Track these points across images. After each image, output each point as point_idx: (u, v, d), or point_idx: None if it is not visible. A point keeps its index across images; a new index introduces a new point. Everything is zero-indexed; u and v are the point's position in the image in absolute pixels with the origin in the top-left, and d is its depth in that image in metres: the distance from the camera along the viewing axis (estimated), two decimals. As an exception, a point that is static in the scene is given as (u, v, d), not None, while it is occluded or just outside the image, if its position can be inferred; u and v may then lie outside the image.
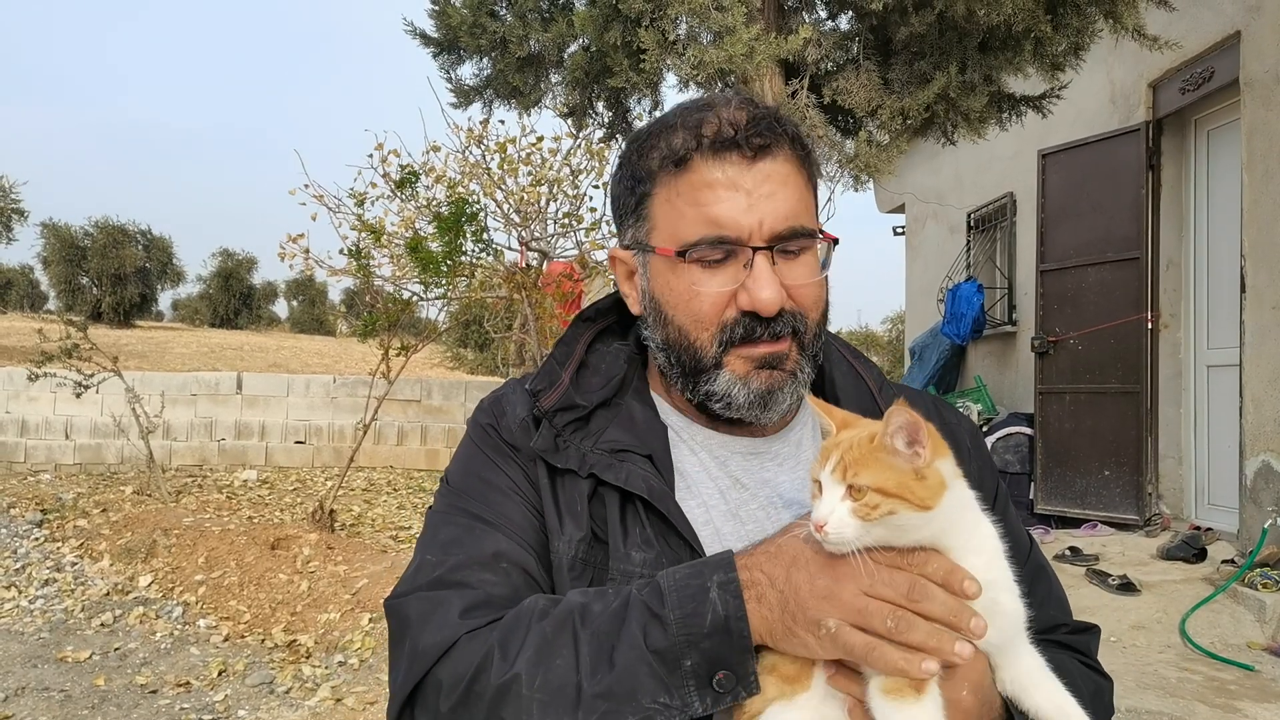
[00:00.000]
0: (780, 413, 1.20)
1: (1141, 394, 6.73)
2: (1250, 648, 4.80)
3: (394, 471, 10.83)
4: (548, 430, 1.20)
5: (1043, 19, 5.22)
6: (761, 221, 1.13)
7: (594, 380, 1.27)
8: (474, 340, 16.96)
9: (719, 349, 1.17)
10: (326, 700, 4.98)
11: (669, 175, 1.17)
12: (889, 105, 5.43)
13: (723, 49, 4.66)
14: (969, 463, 1.23)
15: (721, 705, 0.99)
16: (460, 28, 5.97)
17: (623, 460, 1.17)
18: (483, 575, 1.13)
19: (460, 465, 1.27)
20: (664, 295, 1.20)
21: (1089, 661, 1.26)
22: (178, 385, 11.00)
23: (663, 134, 1.19)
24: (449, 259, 7.05)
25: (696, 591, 1.00)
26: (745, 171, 1.14)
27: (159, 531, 7.22)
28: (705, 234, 1.14)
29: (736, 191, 1.13)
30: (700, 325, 1.17)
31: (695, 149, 1.15)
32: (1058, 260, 7.32)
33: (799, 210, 1.16)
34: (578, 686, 0.99)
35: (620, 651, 1.00)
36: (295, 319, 35.55)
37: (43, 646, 5.71)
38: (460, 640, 1.06)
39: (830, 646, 0.96)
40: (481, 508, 1.20)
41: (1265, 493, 5.61)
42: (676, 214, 1.16)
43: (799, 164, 1.18)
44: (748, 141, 1.14)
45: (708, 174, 1.14)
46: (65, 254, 27.28)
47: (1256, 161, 5.79)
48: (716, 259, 1.15)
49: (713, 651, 0.98)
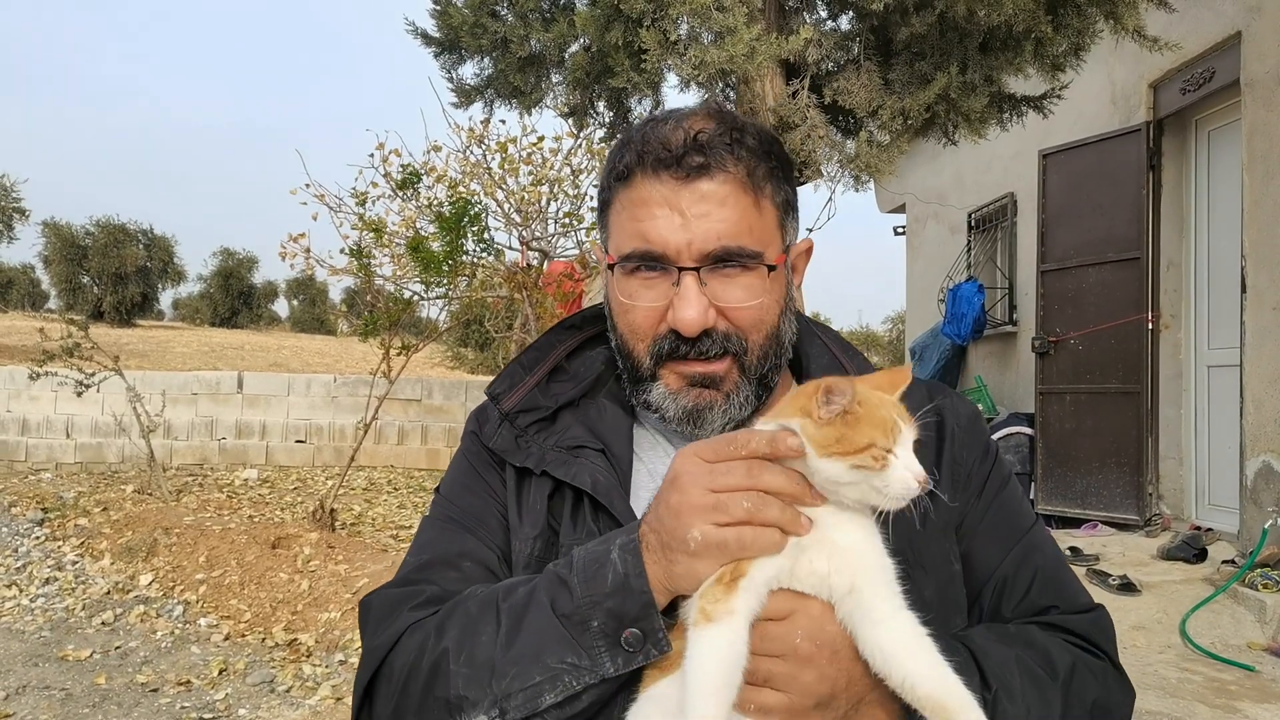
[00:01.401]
0: (715, 430, 1.20)
1: (1142, 394, 6.73)
2: (1250, 648, 4.80)
3: (395, 471, 10.84)
4: (508, 431, 1.25)
5: (1043, 20, 5.22)
6: (691, 241, 1.13)
7: (564, 383, 1.30)
8: (475, 340, 16.95)
9: (652, 362, 1.19)
10: (327, 699, 4.99)
11: (620, 187, 1.20)
12: (890, 105, 5.43)
13: (724, 49, 4.66)
14: (954, 446, 1.25)
15: (634, 664, 1.01)
16: (461, 27, 5.97)
17: (577, 457, 1.20)
18: (445, 573, 1.18)
19: (448, 472, 1.34)
20: (612, 302, 1.24)
21: (1078, 641, 1.17)
22: (179, 384, 11.01)
23: (620, 148, 1.22)
24: (450, 259, 7.05)
25: (600, 556, 1.03)
26: (679, 190, 1.14)
27: (160, 530, 7.23)
28: (635, 248, 1.16)
29: (671, 210, 1.14)
30: (635, 336, 1.20)
31: (637, 164, 1.17)
32: (1058, 260, 7.32)
33: (737, 230, 1.15)
34: (493, 655, 1.03)
35: (529, 619, 1.03)
36: (296, 318, 35.56)
37: (44, 645, 5.72)
38: (405, 631, 1.11)
39: (707, 555, 0.96)
40: (457, 511, 1.26)
41: (1266, 493, 5.61)
42: (619, 226, 1.19)
43: (745, 184, 1.17)
44: (683, 161, 1.14)
45: (645, 190, 1.16)
46: (66, 253, 27.29)
47: (1257, 162, 5.79)
48: (650, 274, 1.16)
49: (617, 610, 1.00)
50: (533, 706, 1.01)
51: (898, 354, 20.93)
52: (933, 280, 11.04)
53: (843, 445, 0.95)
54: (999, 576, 1.21)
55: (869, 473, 0.95)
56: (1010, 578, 1.21)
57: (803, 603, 0.98)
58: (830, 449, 0.95)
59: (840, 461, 0.95)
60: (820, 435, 0.96)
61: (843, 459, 0.95)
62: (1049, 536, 1.30)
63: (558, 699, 1.00)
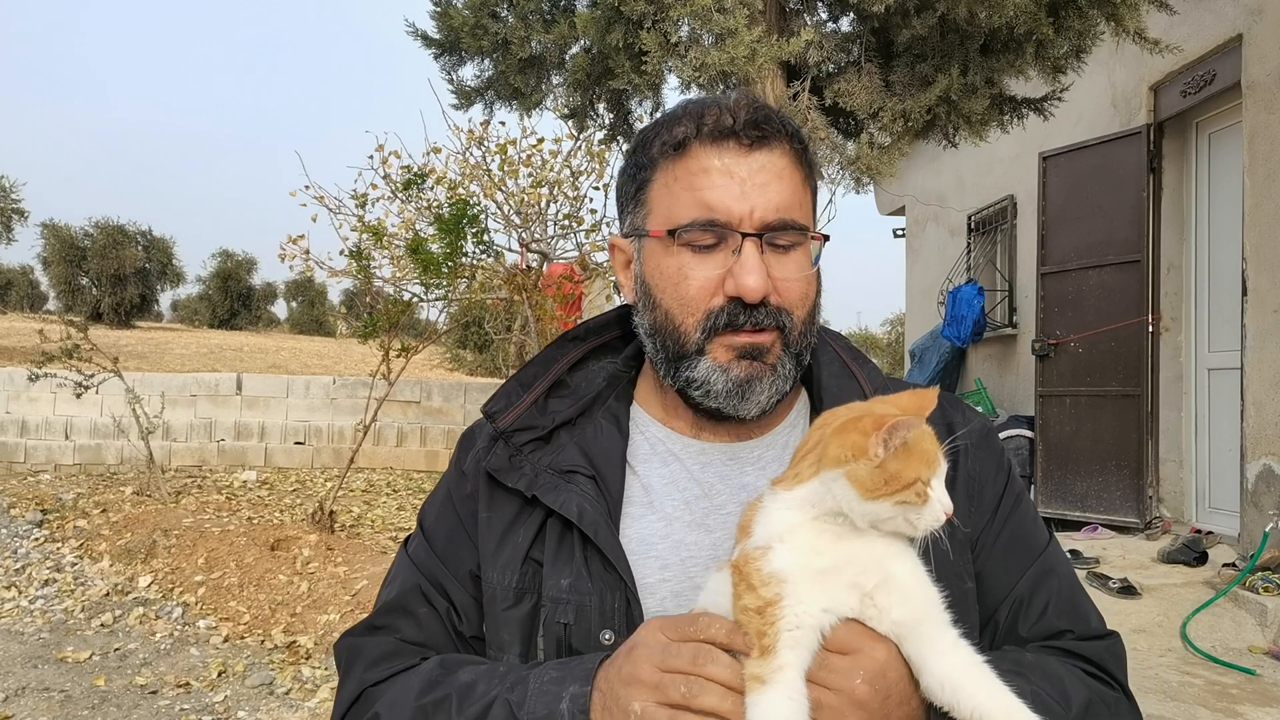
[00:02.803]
0: (758, 405, 1.18)
1: (1142, 397, 6.72)
2: (1251, 652, 4.80)
3: (394, 473, 10.83)
4: (503, 449, 1.22)
5: (1044, 21, 5.22)
6: (753, 210, 1.14)
7: (564, 400, 1.28)
8: (474, 342, 16.94)
9: (702, 335, 1.17)
10: (326, 702, 4.98)
11: (668, 161, 1.18)
12: (890, 107, 5.43)
13: (724, 51, 4.66)
14: (968, 462, 1.23)
15: None
16: (462, 29, 5.96)
17: (569, 482, 1.18)
18: (400, 621, 1.21)
19: (428, 500, 1.34)
20: (654, 278, 1.20)
21: (1093, 670, 1.16)
22: (177, 386, 11.00)
23: (666, 125, 1.21)
24: (449, 260, 7.04)
25: (551, 700, 1.02)
26: (741, 160, 1.15)
27: (159, 532, 7.22)
28: (697, 216, 1.15)
29: (731, 178, 1.14)
30: (686, 310, 1.17)
31: (694, 136, 1.16)
32: (1058, 263, 7.32)
33: (791, 204, 1.17)
34: None
35: None
36: (295, 320, 35.53)
37: (43, 647, 5.71)
38: (362, 694, 1.15)
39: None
40: (425, 549, 1.26)
41: (1266, 496, 5.60)
42: (672, 198, 1.18)
43: (796, 161, 1.19)
44: (745, 131, 1.15)
45: (704, 160, 1.16)
46: (65, 254, 27.27)
47: (1258, 165, 5.79)
48: (706, 244, 1.15)
49: None
50: None
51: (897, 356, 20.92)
52: (932, 282, 11.04)
53: (890, 485, 0.92)
54: (1015, 596, 1.20)
55: (909, 507, 0.93)
56: (1026, 599, 1.20)
57: (870, 643, 0.96)
58: (878, 491, 0.92)
59: (887, 500, 0.93)
60: (871, 478, 0.93)
61: (889, 498, 0.93)
62: (1064, 555, 1.29)
63: None
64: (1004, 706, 0.94)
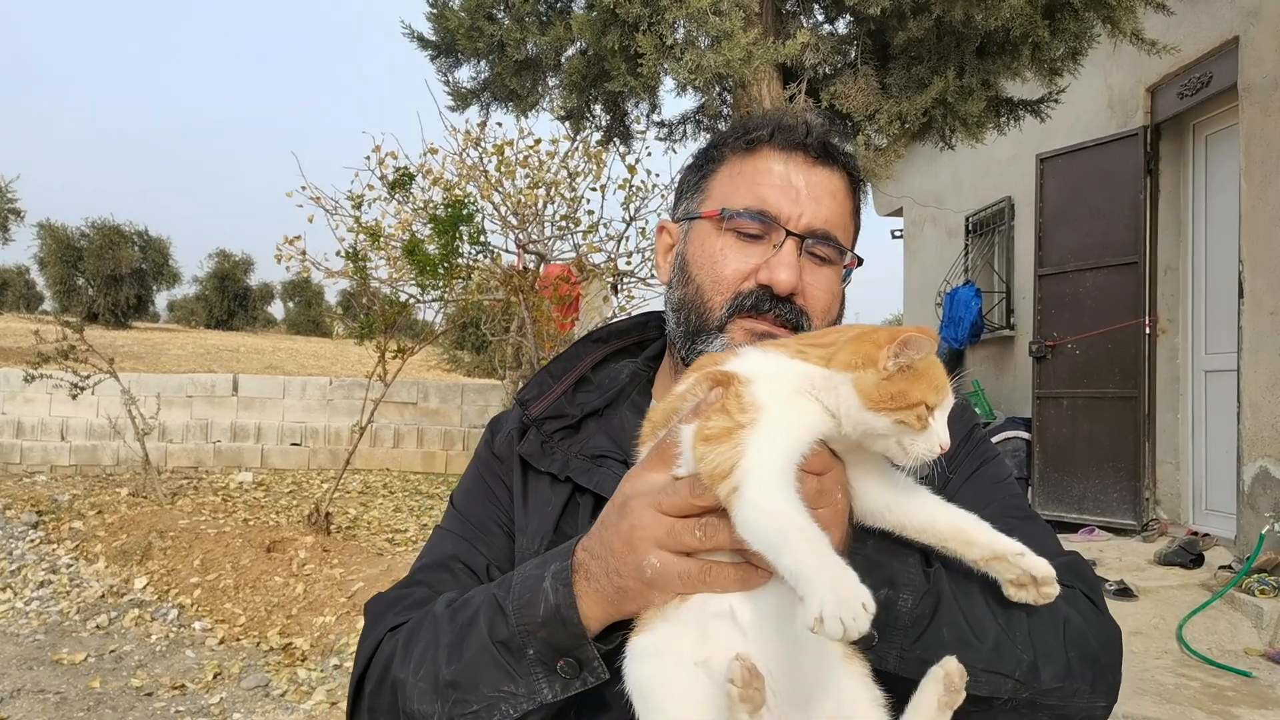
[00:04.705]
0: None
1: (1139, 399, 6.72)
2: (1247, 654, 4.79)
3: (390, 474, 10.82)
4: (535, 436, 1.29)
5: (1040, 24, 5.22)
6: (802, 214, 1.24)
7: (590, 394, 1.36)
8: (471, 342, 16.94)
9: (726, 313, 1.24)
10: (322, 704, 4.97)
11: (737, 155, 1.29)
12: (887, 109, 5.43)
13: (720, 53, 4.66)
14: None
15: (572, 690, 1.03)
16: (458, 31, 5.96)
17: (601, 466, 1.24)
18: (437, 576, 1.25)
19: (461, 480, 1.40)
20: (695, 256, 1.29)
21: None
22: (174, 387, 10.98)
23: (744, 126, 1.32)
24: (446, 261, 7.04)
25: (534, 582, 1.05)
26: (804, 170, 1.26)
27: (155, 533, 7.20)
28: (750, 205, 1.24)
29: (790, 183, 1.25)
30: (718, 288, 1.25)
31: (767, 139, 1.27)
32: (1056, 265, 7.32)
33: (838, 223, 1.27)
34: (439, 677, 1.06)
35: (469, 644, 1.06)
36: (291, 320, 35.46)
37: (38, 648, 5.70)
38: (385, 637, 1.17)
39: (666, 583, 0.97)
40: (460, 518, 1.33)
41: (1263, 498, 5.60)
42: (733, 187, 1.28)
43: (850, 191, 1.30)
44: (813, 146, 1.27)
45: (771, 161, 1.27)
46: (61, 255, 27.18)
47: (1255, 167, 5.79)
48: (752, 234, 1.24)
49: (550, 640, 1.02)
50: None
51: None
52: (930, 284, 11.05)
53: (896, 401, 0.93)
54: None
55: (906, 429, 0.94)
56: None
57: (835, 461, 0.99)
58: (883, 404, 0.93)
59: (888, 416, 0.93)
60: (877, 389, 0.93)
61: (891, 414, 0.93)
62: (1032, 511, 1.32)
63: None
64: (953, 513, 1.01)
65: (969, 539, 1.00)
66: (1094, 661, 1.10)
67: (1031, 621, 1.04)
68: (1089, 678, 1.09)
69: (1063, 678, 1.06)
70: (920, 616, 1.01)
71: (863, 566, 0.90)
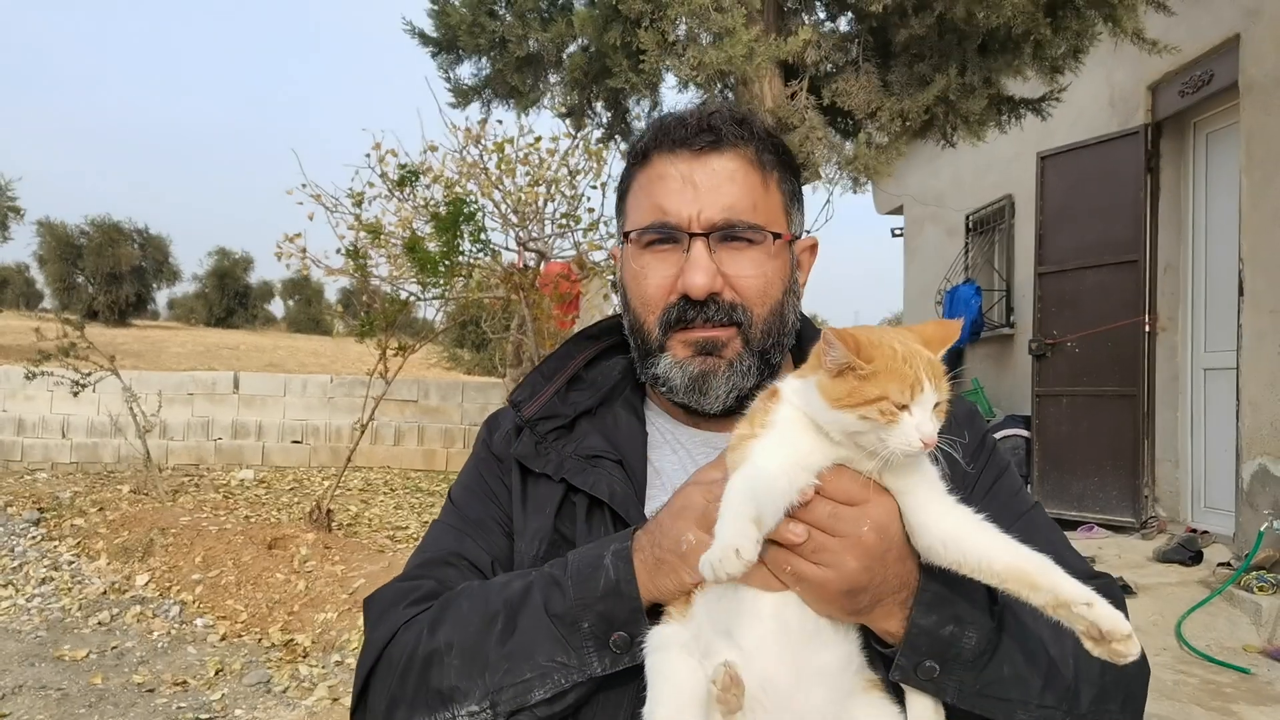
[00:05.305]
0: (718, 400, 1.26)
1: (1139, 397, 6.73)
2: (1246, 651, 4.81)
3: (391, 471, 10.83)
4: (529, 437, 1.30)
5: (1042, 22, 5.23)
6: (700, 211, 1.22)
7: (583, 392, 1.36)
8: (471, 341, 16.95)
9: (661, 332, 1.25)
10: (323, 700, 4.97)
11: (638, 170, 1.30)
12: (888, 107, 5.43)
13: (722, 50, 4.67)
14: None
15: (620, 665, 1.06)
16: (459, 27, 5.96)
17: (595, 466, 1.25)
18: (441, 571, 1.25)
19: (459, 477, 1.41)
20: (626, 280, 1.31)
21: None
22: (174, 384, 10.99)
23: (642, 134, 1.32)
24: (446, 259, 7.04)
25: (594, 560, 1.09)
26: (693, 165, 1.24)
27: (156, 531, 7.21)
28: (651, 219, 1.24)
29: (683, 184, 1.23)
30: (647, 308, 1.27)
31: (654, 145, 1.27)
32: (1056, 263, 7.33)
33: (744, 205, 1.23)
34: (486, 650, 1.08)
35: (524, 616, 1.09)
36: (291, 318, 35.46)
37: (40, 645, 5.70)
38: (402, 625, 1.17)
39: (696, 561, 0.97)
40: (460, 514, 1.33)
41: (1261, 496, 5.61)
42: (637, 204, 1.29)
43: (753, 163, 1.26)
44: (696, 138, 1.24)
45: (661, 167, 1.26)
46: (61, 252, 27.18)
47: (1255, 165, 5.80)
48: (662, 245, 1.24)
49: (607, 613, 1.06)
50: (522, 701, 1.06)
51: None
52: (930, 282, 11.05)
53: (853, 398, 0.97)
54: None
55: (876, 424, 0.96)
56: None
57: (878, 495, 1.01)
58: (841, 401, 0.98)
59: (850, 413, 0.97)
60: (833, 388, 0.98)
61: (851, 410, 0.97)
62: (1049, 520, 1.32)
63: (546, 695, 1.06)
64: (1012, 552, 0.98)
65: (1032, 582, 0.97)
66: (1126, 684, 1.13)
67: (1078, 644, 1.03)
68: (1120, 699, 1.12)
69: (1098, 700, 1.09)
70: (982, 654, 1.04)
71: (931, 602, 0.98)
